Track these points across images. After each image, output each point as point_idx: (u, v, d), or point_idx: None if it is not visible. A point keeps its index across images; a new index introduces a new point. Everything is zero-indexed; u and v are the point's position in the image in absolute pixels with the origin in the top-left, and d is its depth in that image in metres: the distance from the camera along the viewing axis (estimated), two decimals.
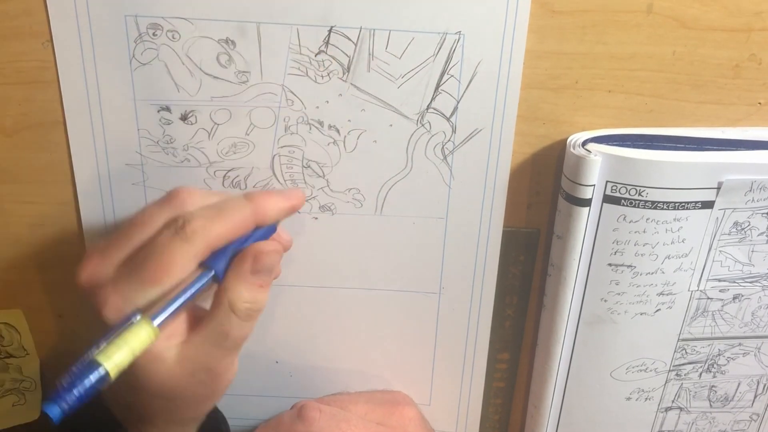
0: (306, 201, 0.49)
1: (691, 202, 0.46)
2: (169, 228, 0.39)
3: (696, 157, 0.45)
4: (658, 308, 0.51)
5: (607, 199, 0.47)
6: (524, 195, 0.50)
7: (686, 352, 0.53)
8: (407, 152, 0.48)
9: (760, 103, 0.47)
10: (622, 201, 0.46)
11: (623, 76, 0.46)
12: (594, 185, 0.46)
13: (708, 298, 0.51)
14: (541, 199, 0.50)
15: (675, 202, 0.46)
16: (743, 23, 0.44)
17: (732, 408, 0.57)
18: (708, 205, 0.47)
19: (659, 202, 0.46)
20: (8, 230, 0.50)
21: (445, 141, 0.47)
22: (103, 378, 0.35)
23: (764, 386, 0.56)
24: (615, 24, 0.44)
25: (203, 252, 0.39)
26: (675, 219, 0.47)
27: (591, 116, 0.47)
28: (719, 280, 0.50)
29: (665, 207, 0.46)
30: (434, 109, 0.46)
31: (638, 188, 0.46)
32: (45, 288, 0.53)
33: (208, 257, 0.40)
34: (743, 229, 0.48)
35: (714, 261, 0.49)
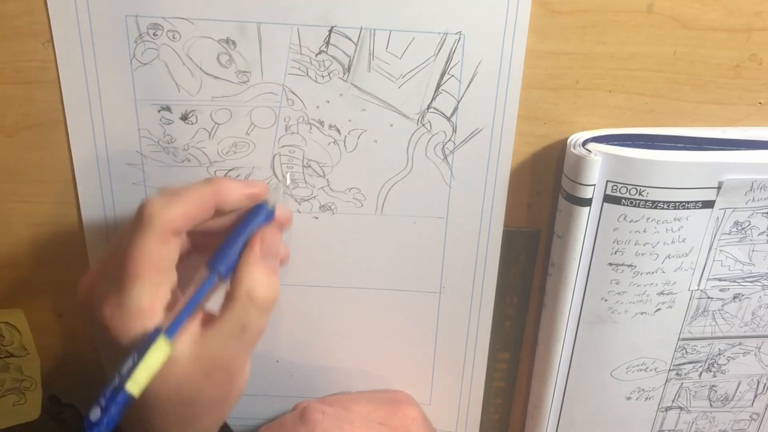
0: (306, 201, 0.49)
1: (692, 202, 0.46)
2: (131, 223, 0.40)
3: (696, 157, 0.45)
4: (659, 308, 0.51)
5: (608, 199, 0.47)
6: (524, 195, 0.50)
7: (686, 352, 0.53)
8: (408, 152, 0.48)
9: (761, 103, 0.47)
10: (623, 201, 0.46)
11: (623, 76, 0.46)
12: (594, 185, 0.46)
13: (708, 298, 0.51)
14: (542, 199, 0.50)
15: (675, 202, 0.46)
16: (743, 23, 0.44)
17: (732, 407, 0.57)
18: (708, 205, 0.47)
19: (660, 202, 0.46)
20: (8, 230, 0.50)
21: (446, 141, 0.47)
22: (130, 400, 0.36)
23: (764, 386, 0.56)
24: (615, 24, 0.44)
25: (165, 234, 0.39)
26: (675, 218, 0.47)
27: (591, 116, 0.47)
28: (719, 280, 0.50)
29: (666, 207, 0.46)
30: (435, 109, 0.46)
31: (639, 188, 0.46)
32: (45, 288, 0.53)
33: (212, 258, 0.40)
34: (743, 229, 0.48)
35: (714, 260, 0.49)
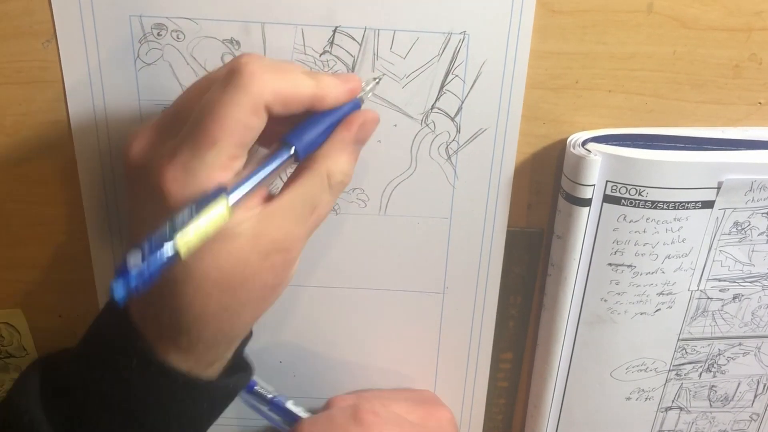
0: None
1: (691, 202, 0.47)
2: (222, 81, 0.35)
3: (696, 157, 0.46)
4: (658, 308, 0.51)
5: (607, 199, 0.47)
6: (524, 195, 0.50)
7: (686, 352, 0.53)
8: (411, 152, 0.48)
9: (761, 103, 0.47)
10: (623, 201, 0.47)
11: (623, 76, 0.46)
12: (594, 185, 0.46)
13: (708, 298, 0.51)
14: (541, 199, 0.50)
15: (675, 202, 0.46)
16: (743, 23, 0.44)
17: (732, 408, 0.57)
18: (708, 205, 0.47)
19: (659, 202, 0.46)
20: (8, 230, 0.50)
21: (450, 141, 0.47)
22: (174, 259, 0.32)
23: (764, 386, 0.56)
24: (615, 24, 0.44)
25: (259, 105, 0.35)
26: (675, 219, 0.47)
27: (591, 116, 0.48)
28: (719, 280, 0.51)
29: (665, 207, 0.46)
30: (439, 109, 0.46)
31: (638, 188, 0.46)
32: (45, 288, 0.52)
33: (288, 134, 0.37)
34: (743, 229, 0.49)
35: (714, 261, 0.50)
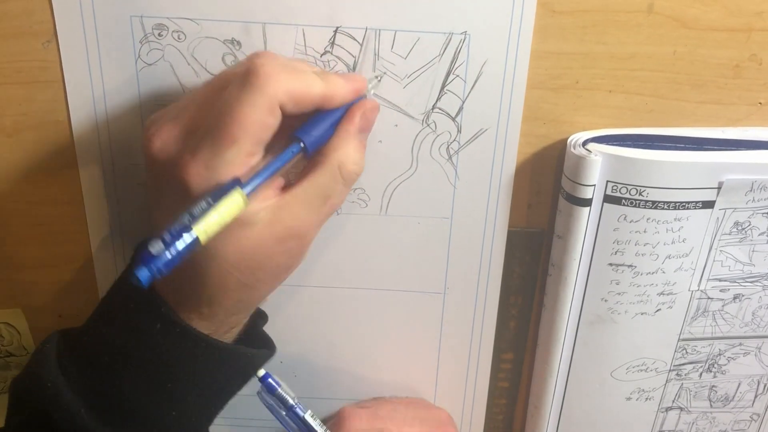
0: None
1: (692, 202, 0.47)
2: (239, 81, 0.37)
3: (696, 157, 0.46)
4: (659, 308, 0.51)
5: (608, 199, 0.47)
6: (525, 195, 0.50)
7: (687, 352, 0.53)
8: (412, 152, 0.48)
9: (761, 103, 0.47)
10: (623, 201, 0.47)
11: (623, 76, 0.46)
12: (594, 185, 0.46)
13: (708, 298, 0.51)
14: (542, 200, 0.51)
15: (675, 202, 0.46)
16: (743, 23, 0.45)
17: (732, 408, 0.57)
18: (708, 205, 0.47)
19: (660, 202, 0.46)
20: (8, 230, 0.50)
21: (451, 141, 0.47)
22: (193, 244, 0.34)
23: (764, 386, 0.56)
24: (615, 24, 0.45)
25: (275, 104, 0.37)
26: (675, 219, 0.47)
27: (591, 116, 0.48)
28: (720, 280, 0.51)
29: (666, 207, 0.46)
30: (440, 109, 0.46)
31: (639, 188, 0.46)
32: (45, 288, 0.52)
33: (298, 129, 0.40)
34: (744, 229, 0.49)
35: (714, 261, 0.50)
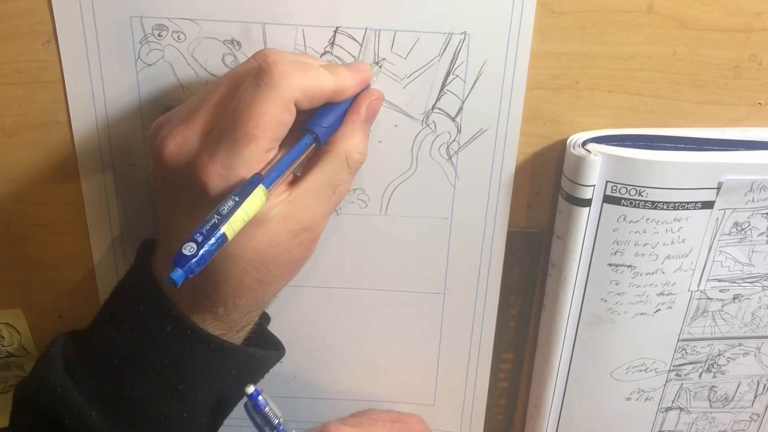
0: None
1: (691, 202, 0.47)
2: (253, 80, 0.38)
3: (696, 157, 0.46)
4: (658, 308, 0.51)
5: (607, 199, 0.47)
6: (524, 195, 0.50)
7: (686, 352, 0.53)
8: (412, 152, 0.48)
9: (760, 104, 0.47)
10: (622, 201, 0.47)
11: (623, 76, 0.46)
12: (594, 185, 0.46)
13: (708, 299, 0.51)
14: (541, 200, 0.51)
15: (675, 202, 0.46)
16: (743, 23, 0.45)
17: (732, 408, 0.57)
18: (708, 206, 0.47)
19: (659, 202, 0.46)
20: (8, 230, 0.50)
21: (450, 141, 0.47)
22: (223, 242, 0.35)
23: (764, 386, 0.56)
24: (615, 24, 0.45)
25: (289, 101, 0.38)
26: (675, 219, 0.47)
27: (591, 116, 0.48)
28: (719, 281, 0.51)
29: (665, 207, 0.46)
30: (439, 109, 0.46)
31: (638, 188, 0.46)
32: (45, 288, 0.52)
33: (308, 121, 0.40)
34: (743, 230, 0.49)
35: (714, 261, 0.50)
